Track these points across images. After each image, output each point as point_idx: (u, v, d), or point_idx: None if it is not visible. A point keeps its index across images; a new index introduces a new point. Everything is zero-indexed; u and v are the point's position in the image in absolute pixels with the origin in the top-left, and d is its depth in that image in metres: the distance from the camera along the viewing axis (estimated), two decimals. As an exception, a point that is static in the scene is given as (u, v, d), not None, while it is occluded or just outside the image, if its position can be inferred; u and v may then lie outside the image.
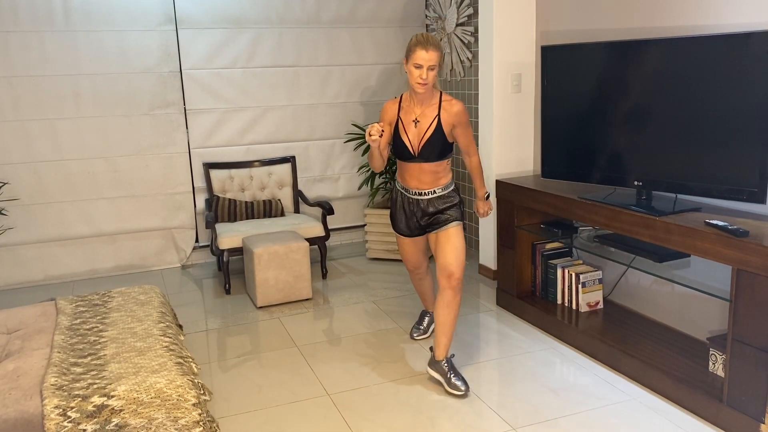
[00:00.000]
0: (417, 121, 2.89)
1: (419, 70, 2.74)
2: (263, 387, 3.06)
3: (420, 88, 2.79)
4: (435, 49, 2.72)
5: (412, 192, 3.01)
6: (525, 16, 4.09)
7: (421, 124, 2.88)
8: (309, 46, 5.06)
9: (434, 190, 2.97)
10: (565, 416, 2.71)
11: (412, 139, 2.90)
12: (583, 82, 3.20)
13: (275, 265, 4.02)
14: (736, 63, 2.54)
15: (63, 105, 4.53)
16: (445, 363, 2.97)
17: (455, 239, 2.95)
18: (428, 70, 2.73)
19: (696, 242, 2.57)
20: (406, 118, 2.91)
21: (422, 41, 2.73)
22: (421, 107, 2.89)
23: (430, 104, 2.88)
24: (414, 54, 2.74)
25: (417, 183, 2.98)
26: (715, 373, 2.77)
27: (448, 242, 2.95)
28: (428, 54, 2.71)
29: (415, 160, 2.92)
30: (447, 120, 2.87)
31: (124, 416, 2.17)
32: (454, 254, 2.93)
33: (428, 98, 2.88)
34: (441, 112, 2.87)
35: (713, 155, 2.68)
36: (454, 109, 2.87)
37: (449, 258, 2.93)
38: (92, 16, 4.49)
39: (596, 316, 3.46)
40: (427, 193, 2.98)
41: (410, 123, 2.91)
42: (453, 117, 2.87)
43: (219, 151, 4.96)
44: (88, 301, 3.10)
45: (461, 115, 2.88)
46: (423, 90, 2.79)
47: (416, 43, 2.74)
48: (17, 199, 4.53)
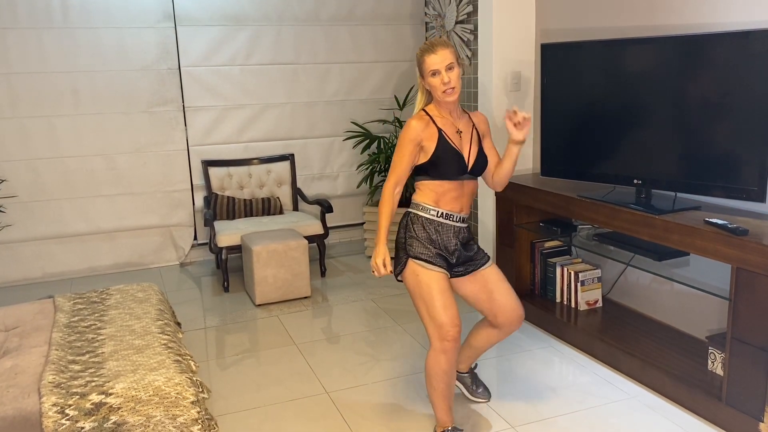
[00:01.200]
0: (460, 131, 2.47)
1: (438, 77, 2.36)
2: (262, 385, 3.05)
3: (449, 96, 2.37)
4: (443, 46, 2.37)
5: (455, 218, 2.47)
6: (525, 13, 4.08)
7: (464, 134, 2.48)
8: (308, 44, 5.05)
9: (468, 215, 2.55)
10: (564, 415, 2.71)
11: (462, 151, 2.46)
12: (582, 80, 3.20)
13: (274, 262, 4.01)
14: (736, 61, 2.54)
15: (61, 102, 4.52)
16: (469, 374, 2.85)
17: (501, 277, 2.56)
18: (447, 71, 2.35)
19: (695, 241, 2.56)
20: (447, 129, 2.45)
21: (427, 47, 2.39)
22: (457, 116, 2.49)
23: (462, 113, 2.52)
24: (424, 64, 2.38)
25: (461, 206, 2.48)
26: (714, 371, 2.77)
27: (501, 281, 2.54)
28: (438, 55, 2.35)
29: (465, 175, 2.46)
30: (481, 129, 2.56)
31: (122, 414, 2.16)
32: (510, 295, 2.53)
33: (457, 106, 2.49)
34: (475, 123, 2.55)
35: (713, 154, 2.67)
36: (480, 118, 2.57)
37: (510, 299, 2.52)
38: (91, 13, 4.48)
39: (595, 314, 3.46)
40: (466, 219, 2.53)
41: (455, 135, 2.45)
42: (482, 125, 2.56)
43: (218, 148, 4.95)
44: (86, 298, 3.09)
45: (487, 123, 2.60)
46: (453, 96, 2.38)
47: (422, 52, 2.40)
48: (15, 197, 4.52)
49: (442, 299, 2.38)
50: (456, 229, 2.48)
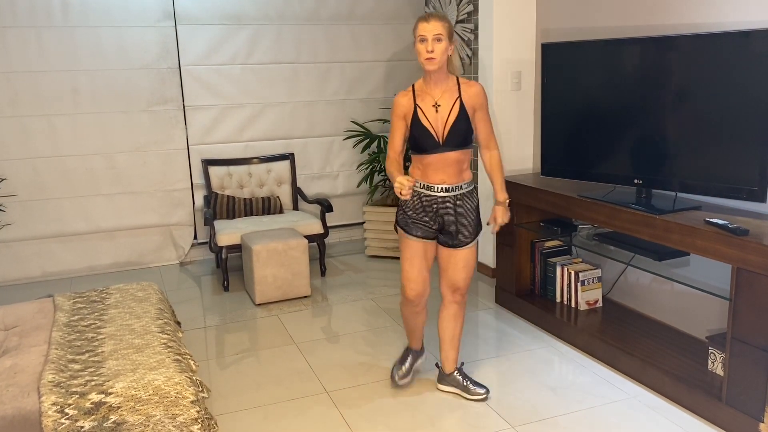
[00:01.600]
0: (438, 105, 2.61)
1: (424, 44, 2.50)
2: (261, 384, 3.05)
3: (429, 65, 2.52)
4: (437, 19, 2.51)
5: (437, 188, 2.66)
6: (525, 13, 4.08)
7: (442, 108, 2.60)
8: (308, 43, 5.05)
9: (460, 185, 2.67)
10: (564, 414, 2.71)
11: (436, 125, 2.60)
12: (583, 79, 3.20)
13: (274, 262, 4.01)
14: (736, 61, 2.54)
15: (61, 101, 4.52)
16: (457, 373, 2.92)
17: (470, 257, 2.77)
18: (434, 41, 2.49)
19: (696, 241, 2.56)
20: (424, 104, 2.62)
21: (424, 15, 2.55)
22: (440, 90, 2.62)
23: (448, 87, 2.62)
24: (417, 29, 2.54)
25: (443, 176, 2.65)
26: (714, 371, 2.77)
27: (461, 260, 2.76)
28: (430, 24, 2.49)
29: (439, 149, 2.60)
30: (468, 102, 2.62)
31: (121, 413, 2.16)
32: (465, 271, 2.78)
33: (444, 80, 2.61)
34: (462, 93, 2.62)
35: (713, 153, 2.67)
36: (473, 90, 2.63)
37: (460, 275, 2.78)
38: (90, 12, 4.47)
39: (595, 314, 3.46)
40: (454, 188, 2.66)
41: (430, 108, 2.61)
42: (473, 98, 2.62)
43: (218, 147, 4.94)
44: (86, 297, 3.09)
45: (481, 97, 2.64)
46: (433, 66, 2.53)
47: (418, 19, 2.55)
48: (15, 195, 4.52)
49: (409, 265, 2.75)
50: (437, 199, 2.68)
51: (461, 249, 2.75)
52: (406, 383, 2.99)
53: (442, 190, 2.66)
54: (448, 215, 2.69)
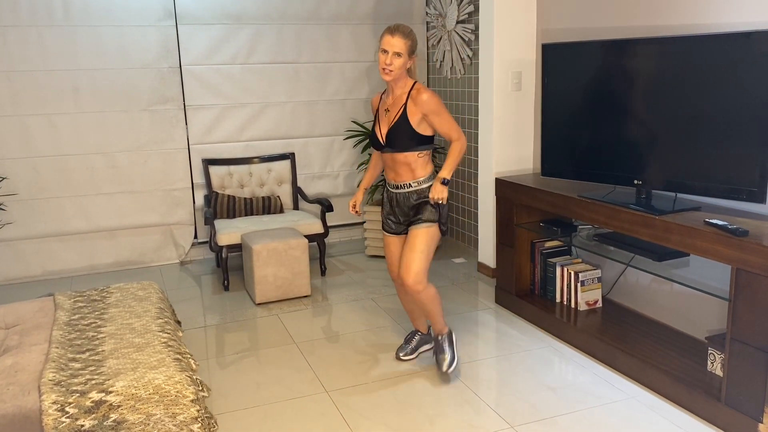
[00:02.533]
0: (387, 110, 2.87)
1: (384, 56, 2.72)
2: (261, 384, 3.06)
3: (385, 75, 2.75)
4: (402, 35, 2.70)
5: (391, 185, 2.96)
6: (526, 13, 4.08)
7: (390, 113, 2.85)
8: (309, 43, 5.05)
9: (410, 183, 2.88)
10: (564, 414, 2.71)
11: (382, 127, 2.88)
12: (583, 80, 3.20)
13: (274, 261, 4.01)
14: (736, 62, 2.54)
15: (62, 100, 4.52)
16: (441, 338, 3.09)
17: (418, 242, 2.86)
18: (393, 56, 2.70)
19: (695, 241, 2.57)
20: (381, 108, 2.93)
21: (391, 27, 2.73)
22: (393, 96, 2.85)
23: (401, 93, 2.83)
24: (382, 40, 2.74)
25: (394, 175, 2.92)
26: (714, 372, 2.77)
27: (408, 244, 2.89)
28: (393, 38, 2.69)
29: (384, 149, 2.88)
30: (413, 109, 2.78)
31: (122, 412, 2.17)
32: (408, 258, 2.86)
33: (400, 86, 2.82)
34: (408, 101, 2.79)
35: (713, 154, 2.67)
36: (421, 97, 2.76)
37: (402, 261, 2.88)
38: (91, 11, 4.48)
39: (595, 314, 3.46)
40: (403, 186, 2.90)
41: (383, 112, 2.90)
42: (419, 106, 2.76)
43: (218, 147, 4.95)
44: (87, 296, 3.09)
45: (429, 103, 2.75)
46: (388, 77, 2.75)
47: (385, 29, 2.75)
48: (16, 194, 4.52)
49: (387, 252, 3.07)
50: (392, 195, 2.96)
51: (414, 229, 2.90)
52: (410, 359, 3.23)
53: (393, 187, 2.95)
54: (401, 207, 2.94)
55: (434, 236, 2.92)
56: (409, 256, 2.86)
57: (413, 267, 2.85)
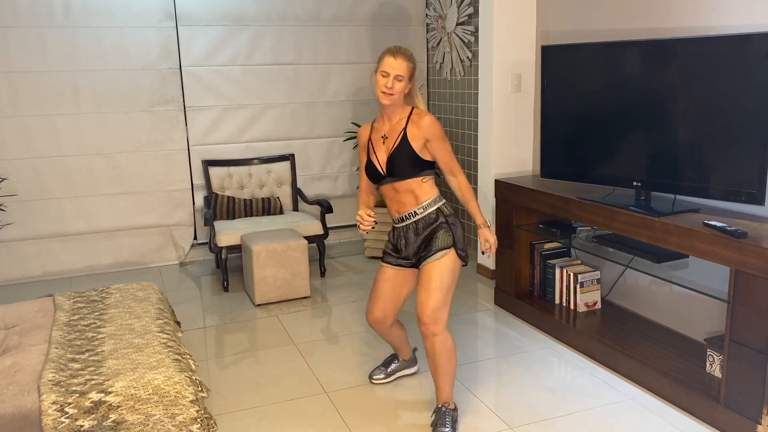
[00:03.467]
0: (385, 137, 2.61)
1: (385, 79, 2.49)
2: (261, 384, 3.06)
3: (385, 99, 2.51)
4: (405, 58, 2.50)
5: (396, 220, 2.68)
6: (525, 15, 4.09)
7: (388, 140, 2.59)
8: (309, 44, 5.06)
9: (414, 211, 2.60)
10: (562, 416, 2.72)
11: (380, 157, 2.61)
12: (583, 82, 3.20)
13: (273, 262, 4.01)
14: (736, 64, 2.54)
15: (62, 101, 4.53)
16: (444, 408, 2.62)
17: (434, 277, 2.54)
18: (395, 80, 2.48)
19: (694, 243, 2.57)
20: (375, 137, 2.65)
21: (392, 50, 2.52)
22: (390, 123, 2.60)
23: (400, 118, 2.59)
24: (382, 62, 2.51)
25: (397, 207, 2.65)
26: (712, 373, 2.78)
27: (422, 284, 2.58)
28: (396, 61, 2.48)
29: (385, 180, 2.61)
30: (415, 133, 2.54)
31: (121, 412, 2.17)
32: (423, 297, 2.54)
33: (398, 112, 2.59)
34: (408, 125, 2.56)
35: (712, 156, 2.68)
36: (422, 122, 2.53)
37: (423, 297, 2.54)
38: (92, 13, 4.49)
39: (594, 316, 3.46)
40: (408, 216, 2.62)
41: (379, 141, 2.63)
42: (422, 130, 2.54)
43: (218, 148, 4.95)
44: (86, 297, 3.09)
45: (431, 128, 2.53)
46: (388, 101, 2.51)
47: (386, 51, 2.53)
48: (16, 195, 4.52)
49: (375, 288, 2.78)
50: (399, 232, 2.69)
51: (428, 262, 2.57)
52: (383, 383, 3.03)
53: (399, 220, 2.67)
54: (410, 241, 2.65)
55: (453, 267, 2.58)
56: (425, 294, 2.53)
57: (430, 303, 2.51)
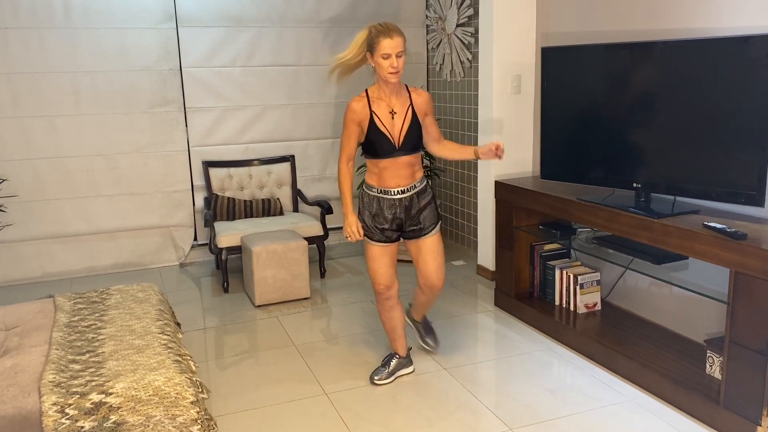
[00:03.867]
0: (393, 112, 2.80)
1: (389, 60, 2.66)
2: (261, 385, 3.06)
3: (393, 78, 2.70)
4: (398, 34, 2.66)
5: (393, 192, 2.85)
6: (525, 17, 4.10)
7: (398, 115, 2.80)
8: (309, 45, 5.06)
9: (414, 184, 2.87)
10: (562, 417, 2.72)
11: (393, 130, 2.79)
12: (583, 83, 3.21)
13: (273, 263, 4.02)
14: (735, 66, 2.55)
15: (62, 102, 4.53)
16: (420, 323, 3.32)
17: (437, 248, 2.96)
18: (397, 57, 2.66)
19: (694, 244, 2.57)
20: (379, 111, 2.79)
21: (383, 30, 2.66)
22: (395, 98, 2.81)
23: (402, 95, 2.82)
24: (379, 45, 2.65)
25: (397, 180, 2.84)
26: (712, 375, 2.78)
27: (430, 252, 2.95)
28: (393, 41, 2.64)
29: (395, 153, 2.80)
30: (420, 108, 2.84)
31: (122, 413, 2.17)
32: (436, 265, 2.96)
33: (400, 89, 2.82)
34: (413, 102, 2.83)
35: (712, 158, 2.68)
36: (422, 98, 2.84)
37: (431, 268, 2.96)
38: (92, 14, 4.49)
39: (594, 317, 3.46)
40: (408, 189, 2.86)
41: (387, 115, 2.79)
42: (423, 105, 2.85)
43: (218, 149, 4.96)
44: (87, 298, 3.09)
45: (430, 103, 2.88)
46: (396, 79, 2.71)
47: (378, 33, 2.66)
48: (16, 196, 4.52)
49: (375, 262, 2.93)
50: (394, 201, 2.86)
51: (426, 238, 2.94)
52: (385, 383, 3.06)
53: (398, 192, 2.86)
54: (407, 214, 2.89)
55: (441, 236, 3.03)
56: (438, 261, 2.96)
57: (441, 270, 2.98)
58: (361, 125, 2.80)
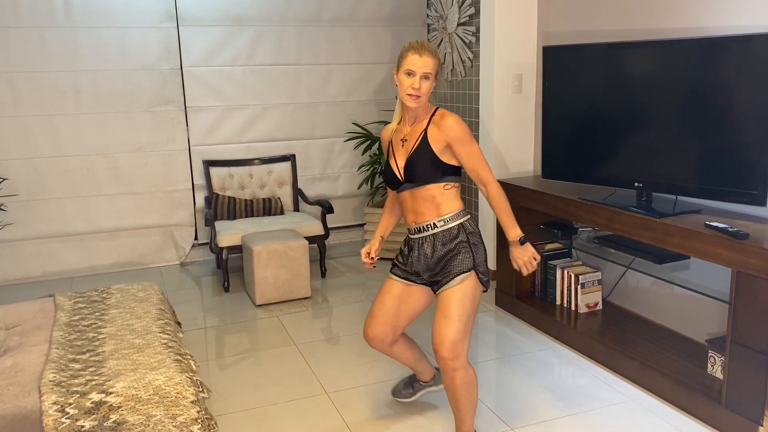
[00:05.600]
0: (405, 140, 2.38)
1: (411, 79, 2.24)
2: (261, 385, 3.06)
3: (411, 101, 2.27)
4: (430, 55, 2.24)
5: (412, 230, 2.41)
6: (527, 16, 4.09)
7: (407, 143, 2.36)
8: (310, 45, 5.06)
9: (434, 223, 2.34)
10: (563, 417, 2.71)
11: (399, 161, 2.38)
12: (584, 83, 3.20)
13: (274, 263, 4.01)
14: (737, 65, 2.54)
15: (63, 101, 4.53)
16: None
17: (453, 304, 2.29)
18: (422, 79, 2.24)
19: (696, 244, 2.57)
20: (396, 138, 2.42)
21: (415, 45, 2.25)
22: (412, 125, 2.37)
23: (422, 120, 2.35)
24: (405, 60, 2.25)
25: (413, 217, 2.38)
26: (714, 375, 2.77)
27: (440, 311, 2.32)
28: (422, 59, 2.22)
29: (403, 186, 2.37)
30: (436, 135, 2.29)
31: (122, 413, 2.17)
32: (441, 326, 2.28)
33: (422, 114, 2.35)
34: (429, 126, 2.32)
35: (714, 157, 2.68)
36: (444, 122, 2.28)
37: (440, 326, 2.28)
38: (93, 13, 4.49)
39: (595, 317, 3.46)
40: (426, 227, 2.36)
41: (398, 143, 2.40)
42: (445, 130, 2.28)
43: (219, 148, 4.95)
44: (87, 297, 3.09)
45: (453, 129, 2.27)
46: (415, 103, 2.27)
47: (408, 48, 2.26)
48: (16, 195, 4.52)
49: (378, 300, 2.53)
50: (413, 243, 2.42)
51: (446, 288, 2.33)
52: (407, 402, 2.84)
53: (415, 231, 2.40)
54: (424, 260, 2.39)
55: (474, 293, 2.32)
56: (443, 324, 2.27)
57: (448, 335, 2.25)
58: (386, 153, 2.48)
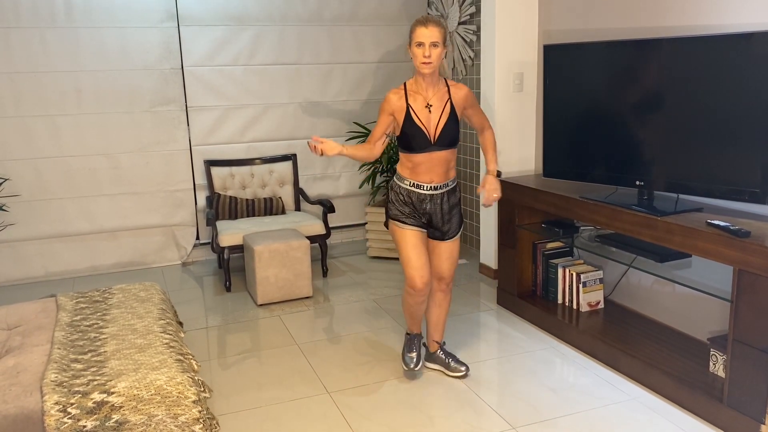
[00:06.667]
0: (430, 105, 2.75)
1: (421, 49, 2.63)
2: (263, 385, 3.06)
3: (425, 68, 2.65)
4: (435, 25, 2.63)
5: (425, 187, 2.81)
6: (527, 14, 4.09)
7: (434, 108, 2.75)
8: (311, 44, 5.06)
9: (447, 183, 2.84)
10: (565, 416, 2.71)
11: (428, 125, 2.74)
12: (585, 81, 3.20)
13: (276, 262, 4.01)
14: (738, 63, 2.54)
15: (64, 101, 4.53)
16: (441, 352, 3.12)
17: (454, 250, 2.97)
18: (431, 47, 2.62)
19: (697, 242, 2.56)
20: (416, 104, 2.76)
21: (421, 20, 2.65)
22: (432, 91, 2.76)
23: (440, 89, 2.77)
24: (414, 33, 2.65)
25: (431, 176, 2.80)
26: (716, 373, 2.77)
27: (446, 253, 2.95)
28: (428, 30, 2.61)
29: (431, 148, 2.75)
30: (458, 103, 2.78)
31: (123, 413, 2.17)
32: (450, 262, 2.97)
33: (436, 82, 2.76)
34: (452, 96, 2.77)
35: (715, 155, 2.67)
36: (462, 92, 2.79)
37: (445, 265, 2.97)
38: (94, 13, 4.49)
39: (597, 315, 3.46)
40: (441, 186, 2.83)
41: (423, 109, 2.75)
42: (463, 100, 2.79)
43: (220, 148, 4.95)
44: (89, 297, 3.09)
45: (470, 97, 2.82)
46: (428, 69, 2.66)
47: (416, 23, 2.66)
48: (18, 196, 4.53)
49: (412, 254, 2.83)
50: (426, 197, 2.83)
51: (447, 241, 2.94)
52: (421, 368, 3.09)
53: (431, 188, 2.82)
54: (436, 212, 2.86)
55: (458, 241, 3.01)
56: (448, 262, 2.95)
57: (451, 269, 2.98)
58: (396, 117, 2.78)
